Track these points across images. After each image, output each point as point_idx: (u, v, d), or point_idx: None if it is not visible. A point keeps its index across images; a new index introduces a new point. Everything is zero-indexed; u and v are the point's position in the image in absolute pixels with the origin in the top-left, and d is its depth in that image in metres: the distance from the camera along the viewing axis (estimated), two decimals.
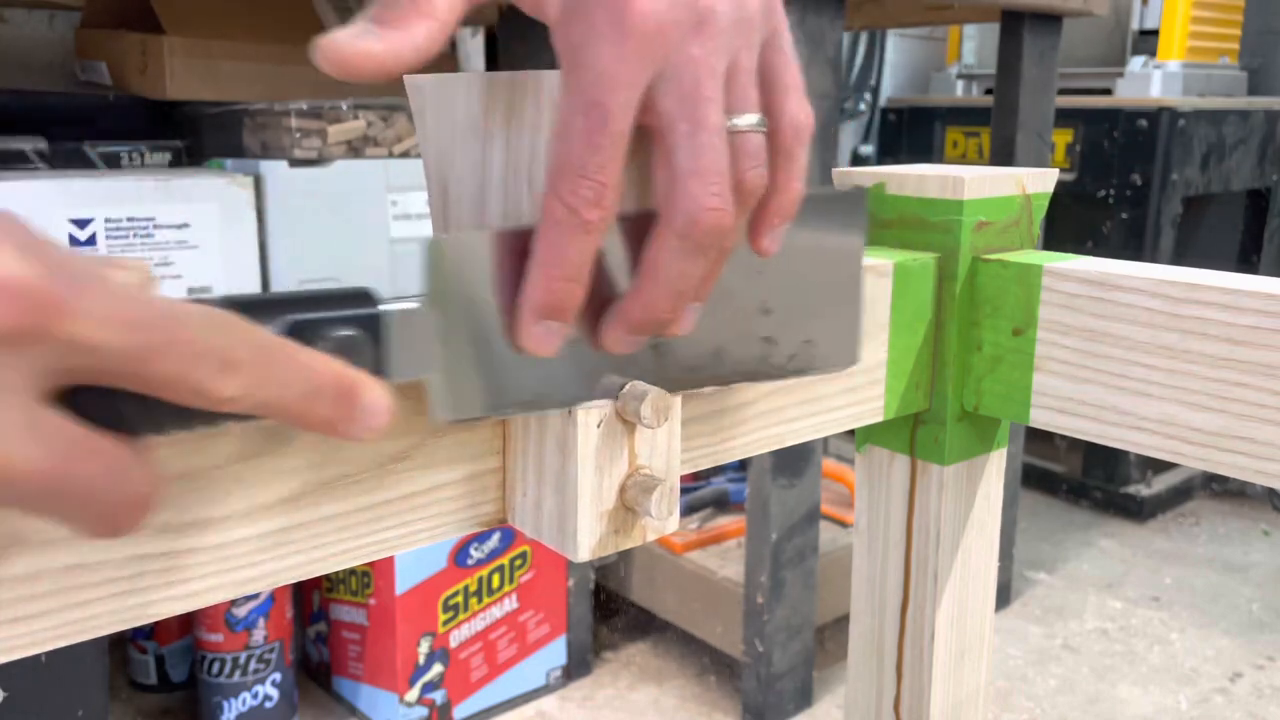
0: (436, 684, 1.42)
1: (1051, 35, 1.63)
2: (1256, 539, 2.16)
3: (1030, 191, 0.52)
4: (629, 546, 0.38)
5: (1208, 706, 1.58)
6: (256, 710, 1.36)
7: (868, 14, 1.86)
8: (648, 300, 0.33)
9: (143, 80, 1.39)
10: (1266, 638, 1.77)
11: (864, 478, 0.56)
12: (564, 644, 1.55)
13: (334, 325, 0.30)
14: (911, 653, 0.55)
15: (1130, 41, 2.32)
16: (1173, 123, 2.07)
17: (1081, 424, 0.47)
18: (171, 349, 0.25)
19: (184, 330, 0.25)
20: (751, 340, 0.40)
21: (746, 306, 0.39)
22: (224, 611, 1.32)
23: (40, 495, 0.24)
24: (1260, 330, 0.41)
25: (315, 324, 0.29)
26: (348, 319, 0.30)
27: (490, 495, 0.38)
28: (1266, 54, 2.58)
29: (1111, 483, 2.27)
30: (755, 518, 1.42)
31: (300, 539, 0.34)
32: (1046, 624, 1.81)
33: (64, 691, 1.12)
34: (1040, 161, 1.66)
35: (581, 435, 0.35)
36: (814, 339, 0.41)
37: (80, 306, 0.23)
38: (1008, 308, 0.49)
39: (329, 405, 0.28)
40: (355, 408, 0.28)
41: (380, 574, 1.37)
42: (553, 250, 0.31)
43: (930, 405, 0.52)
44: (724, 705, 1.54)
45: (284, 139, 1.26)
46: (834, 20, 1.29)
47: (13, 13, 1.55)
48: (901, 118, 2.57)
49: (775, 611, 1.44)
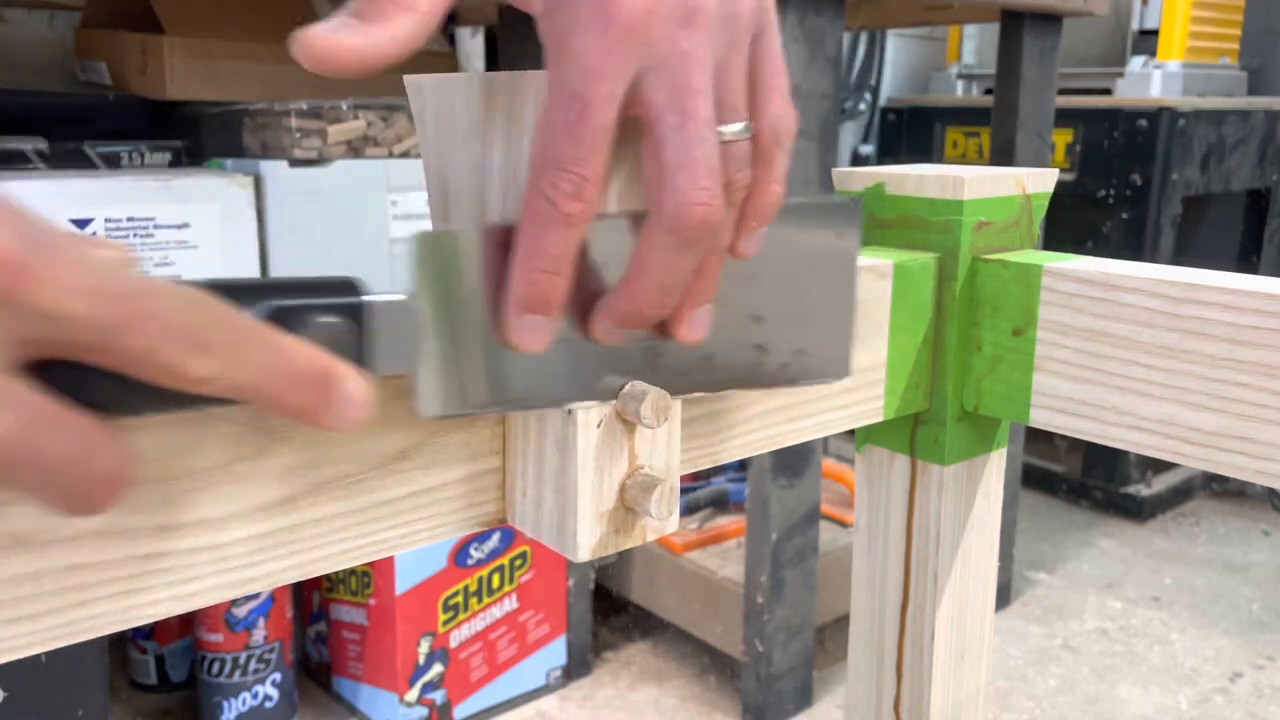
0: (436, 684, 1.42)
1: (1051, 35, 1.63)
2: (1256, 539, 2.16)
3: (1030, 191, 0.52)
4: (629, 546, 0.38)
5: (1208, 706, 1.58)
6: (256, 710, 1.36)
7: (868, 14, 1.86)
8: (635, 294, 0.33)
9: (143, 80, 1.39)
10: (1266, 638, 1.77)
11: (864, 478, 0.56)
12: (564, 644, 1.55)
13: (317, 312, 0.29)
14: (911, 653, 0.55)
15: (1130, 41, 2.32)
16: (1173, 123, 2.07)
17: (1081, 424, 0.47)
18: (143, 323, 0.24)
19: (156, 305, 0.24)
20: (743, 347, 0.40)
21: (739, 313, 0.39)
22: (224, 611, 1.32)
23: (7, 465, 0.23)
24: (1260, 330, 0.41)
25: (298, 310, 0.29)
26: (332, 307, 0.30)
27: (490, 495, 0.38)
28: (1266, 54, 2.58)
29: (1111, 483, 2.27)
30: (755, 518, 1.42)
31: (300, 539, 0.34)
32: (1046, 624, 1.81)
33: (64, 691, 1.12)
34: (1040, 161, 1.66)
35: (581, 435, 0.35)
36: (806, 348, 0.41)
37: (51, 275, 0.23)
38: (1008, 308, 0.49)
39: (306, 392, 0.27)
40: (333, 396, 0.28)
41: (380, 574, 1.37)
42: (533, 243, 0.31)
43: (930, 405, 0.52)
44: (724, 705, 1.54)
45: (284, 139, 1.26)
46: (834, 20, 1.29)
47: (13, 13, 1.55)
48: (901, 118, 2.57)
49: (775, 611, 1.44)
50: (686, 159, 0.31)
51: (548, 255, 0.31)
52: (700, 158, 0.31)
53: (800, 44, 1.27)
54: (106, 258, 0.25)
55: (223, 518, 0.32)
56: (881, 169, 0.53)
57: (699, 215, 0.31)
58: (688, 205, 0.31)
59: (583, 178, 0.30)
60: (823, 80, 1.29)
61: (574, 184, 0.30)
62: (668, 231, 0.32)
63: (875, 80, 2.65)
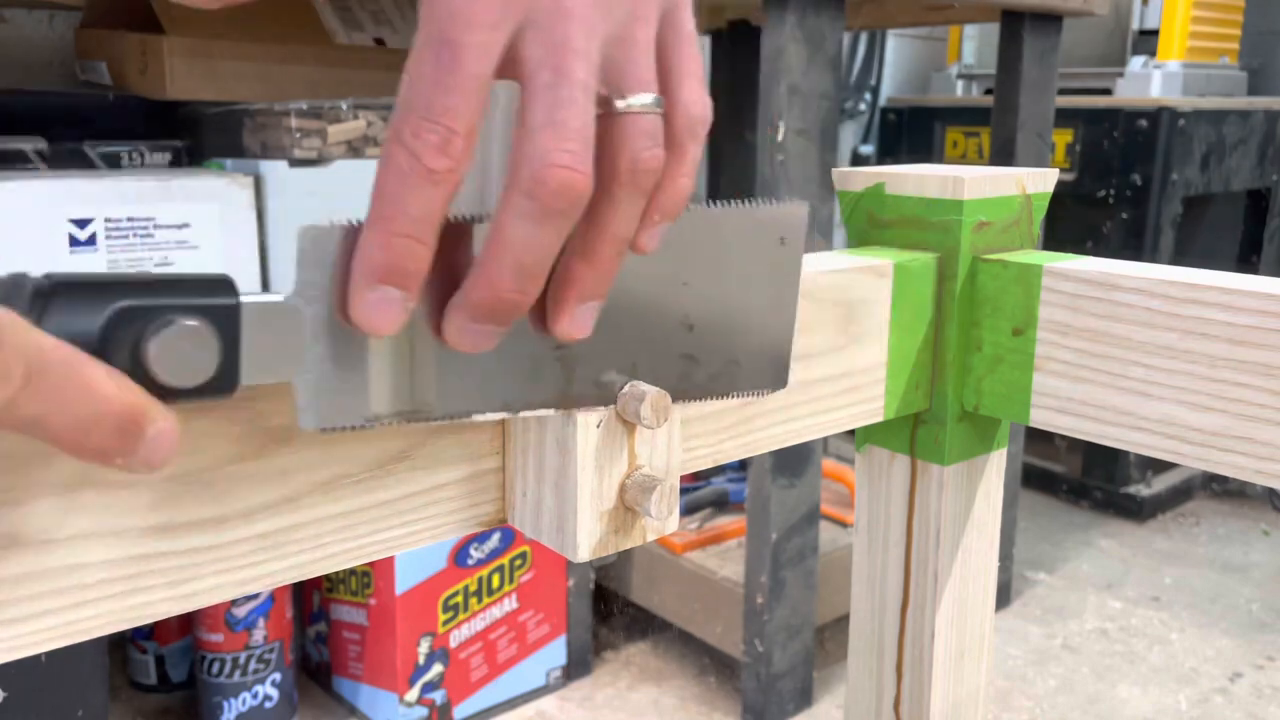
0: (436, 684, 1.42)
1: (1051, 35, 1.63)
2: (1256, 539, 2.16)
3: (1030, 191, 0.52)
4: (629, 546, 0.38)
5: (1208, 706, 1.58)
6: (256, 710, 1.36)
7: (868, 14, 1.86)
8: (490, 275, 0.29)
9: (143, 80, 1.39)
10: (1266, 638, 1.77)
11: (864, 478, 0.56)
12: (564, 644, 1.55)
13: (175, 313, 0.26)
14: (911, 653, 0.55)
15: (1130, 41, 2.32)
16: (1173, 123, 2.07)
17: (1081, 424, 0.47)
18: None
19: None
20: (670, 357, 0.37)
21: (667, 321, 0.37)
22: (224, 611, 1.32)
23: None
24: (1260, 330, 0.41)
25: (149, 311, 0.26)
26: (192, 308, 0.27)
27: (490, 495, 0.38)
28: (1266, 54, 2.58)
29: (1111, 483, 2.27)
30: (755, 518, 1.42)
31: (300, 539, 0.34)
32: (1046, 624, 1.81)
33: (64, 691, 1.12)
34: (1040, 161, 1.66)
35: (581, 435, 0.35)
36: (739, 359, 0.39)
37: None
38: (1008, 308, 0.49)
39: (107, 435, 0.25)
40: (138, 439, 0.25)
41: (380, 574, 1.37)
42: (392, 202, 0.28)
43: (930, 405, 0.52)
44: (724, 705, 1.54)
45: (284, 139, 1.26)
46: (834, 20, 1.29)
47: (13, 13, 1.55)
48: (901, 118, 2.57)
49: (775, 611, 1.44)
50: (552, 118, 0.28)
51: (407, 216, 0.28)
52: (568, 119, 0.28)
53: (800, 44, 1.27)
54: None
55: (223, 518, 0.32)
56: (881, 169, 0.53)
57: (559, 178, 0.28)
58: (546, 167, 0.28)
59: (450, 129, 0.27)
60: (823, 80, 1.29)
61: (440, 136, 0.27)
62: (525, 195, 0.28)
63: (875, 80, 2.65)
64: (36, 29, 1.58)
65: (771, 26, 1.27)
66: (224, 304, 0.27)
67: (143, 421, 0.25)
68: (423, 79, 0.27)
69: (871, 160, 2.65)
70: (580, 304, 0.31)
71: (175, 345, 0.26)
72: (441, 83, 0.27)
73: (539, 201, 0.28)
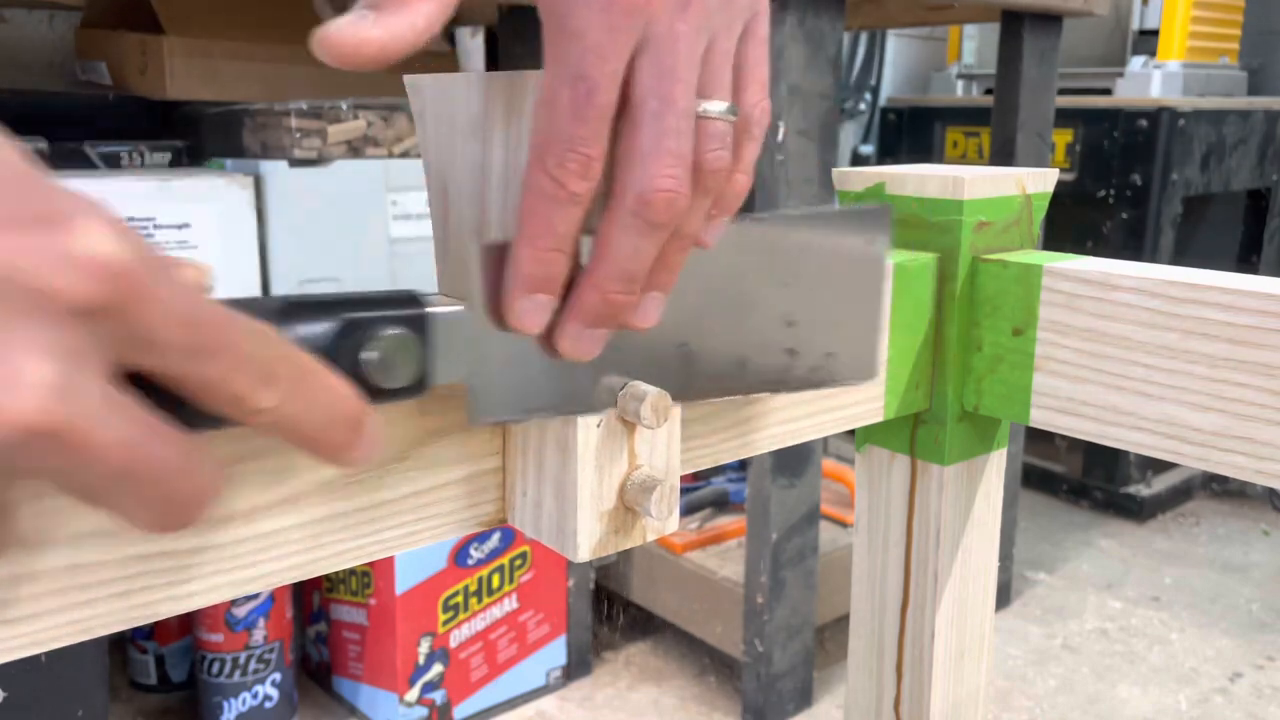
0: (436, 684, 1.42)
1: (1051, 35, 1.63)
2: (1256, 539, 2.16)
3: (1030, 191, 0.52)
4: (629, 546, 0.38)
5: (1207, 706, 1.58)
6: (256, 710, 1.36)
7: (868, 14, 1.86)
8: (600, 281, 0.32)
9: (143, 80, 1.39)
10: (1266, 638, 1.77)
11: (864, 478, 0.56)
12: (564, 644, 1.55)
13: (384, 324, 0.30)
14: (911, 652, 0.55)
15: (1130, 41, 2.32)
16: (1173, 123, 2.07)
17: (1081, 424, 0.47)
18: (221, 354, 0.24)
19: (234, 336, 0.25)
20: (775, 351, 0.40)
21: (771, 318, 0.40)
22: (224, 611, 1.32)
23: (112, 476, 0.23)
24: (1260, 330, 0.41)
25: (367, 322, 0.30)
26: (397, 319, 0.30)
27: (490, 495, 0.38)
28: (1266, 54, 2.58)
29: (1111, 483, 2.27)
30: (755, 518, 1.42)
31: (300, 539, 0.34)
32: (1046, 624, 1.81)
33: (64, 691, 1.12)
34: (1040, 161, 1.66)
35: (581, 435, 0.35)
36: (836, 352, 0.42)
37: (157, 294, 0.23)
38: (1008, 308, 0.49)
39: (344, 431, 0.27)
40: (360, 436, 0.28)
41: (380, 574, 1.37)
42: (539, 222, 0.31)
43: (930, 405, 0.52)
44: (724, 705, 1.54)
45: (284, 139, 1.26)
46: (834, 20, 1.29)
47: (13, 13, 1.55)
48: (901, 118, 2.57)
49: (775, 611, 1.44)
50: (659, 147, 0.31)
51: (555, 234, 0.31)
52: (673, 148, 0.31)
53: (800, 44, 1.27)
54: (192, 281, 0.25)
55: (223, 518, 0.32)
56: (881, 169, 0.53)
57: (664, 200, 0.31)
58: (654, 191, 0.31)
59: (588, 157, 0.30)
60: (823, 80, 1.29)
61: (579, 163, 0.30)
62: (631, 214, 0.31)
63: (875, 80, 2.65)
64: (36, 29, 1.58)
65: (771, 26, 1.27)
66: (421, 314, 0.31)
67: (365, 419, 0.28)
68: (561, 112, 0.30)
69: (871, 160, 2.65)
70: (649, 294, 0.34)
71: (387, 352, 0.30)
72: (579, 115, 0.30)
73: (644, 219, 0.31)
